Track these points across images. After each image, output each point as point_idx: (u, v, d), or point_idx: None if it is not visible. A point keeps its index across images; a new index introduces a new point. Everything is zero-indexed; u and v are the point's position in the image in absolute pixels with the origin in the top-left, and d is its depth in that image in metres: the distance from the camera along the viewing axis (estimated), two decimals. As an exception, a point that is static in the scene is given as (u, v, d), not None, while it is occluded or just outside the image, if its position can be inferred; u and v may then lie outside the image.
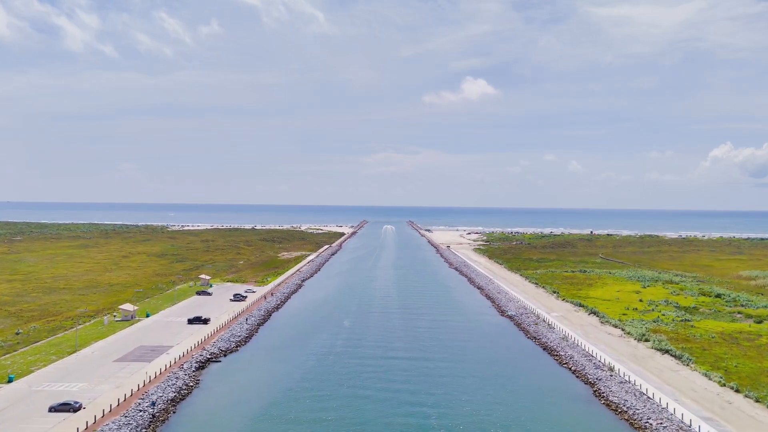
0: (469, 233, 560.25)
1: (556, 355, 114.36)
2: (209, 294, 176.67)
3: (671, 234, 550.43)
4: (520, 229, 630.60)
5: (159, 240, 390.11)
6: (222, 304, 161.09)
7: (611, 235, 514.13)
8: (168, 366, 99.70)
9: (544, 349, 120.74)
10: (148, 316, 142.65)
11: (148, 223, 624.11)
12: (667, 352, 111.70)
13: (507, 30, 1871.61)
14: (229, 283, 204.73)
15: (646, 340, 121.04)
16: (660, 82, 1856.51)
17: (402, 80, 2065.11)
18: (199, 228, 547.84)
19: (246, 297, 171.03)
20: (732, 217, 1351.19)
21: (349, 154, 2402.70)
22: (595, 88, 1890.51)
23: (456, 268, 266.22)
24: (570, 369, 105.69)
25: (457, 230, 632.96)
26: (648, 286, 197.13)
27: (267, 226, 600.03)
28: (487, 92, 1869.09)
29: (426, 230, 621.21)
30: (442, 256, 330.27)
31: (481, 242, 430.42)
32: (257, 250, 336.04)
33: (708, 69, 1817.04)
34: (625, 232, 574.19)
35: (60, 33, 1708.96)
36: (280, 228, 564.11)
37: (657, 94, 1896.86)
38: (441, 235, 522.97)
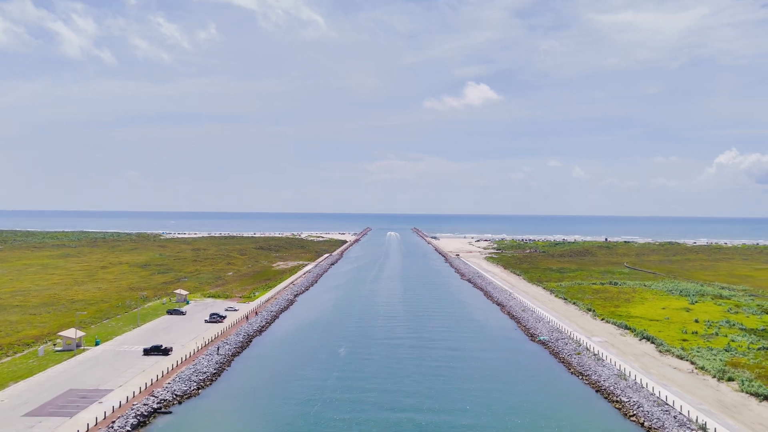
0: (478, 240, 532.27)
1: (617, 402, 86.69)
2: (182, 313, 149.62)
3: (688, 240, 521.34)
4: (529, 236, 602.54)
5: (148, 249, 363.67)
6: (194, 327, 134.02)
7: (628, 242, 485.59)
8: (93, 424, 72.63)
9: (596, 390, 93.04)
10: (97, 344, 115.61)
11: (144, 231, 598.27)
12: (766, 398, 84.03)
13: (510, 37, 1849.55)
14: (210, 299, 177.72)
15: (730, 379, 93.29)
16: (664, 88, 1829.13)
17: (405, 87, 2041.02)
18: (194, 236, 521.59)
19: (225, 317, 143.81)
20: (742, 224, 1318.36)
21: (352, 161, 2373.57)
22: (598, 94, 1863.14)
23: (469, 280, 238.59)
24: (642, 425, 77.99)
25: (465, 237, 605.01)
26: (696, 301, 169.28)
27: (266, 234, 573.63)
28: (490, 98, 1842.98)
29: (432, 237, 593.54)
30: (451, 265, 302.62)
31: (492, 250, 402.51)
32: (250, 260, 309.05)
33: (711, 75, 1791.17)
34: (640, 239, 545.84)
35: (57, 39, 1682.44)
36: (279, 236, 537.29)
37: (661, 100, 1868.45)
38: (448, 243, 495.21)
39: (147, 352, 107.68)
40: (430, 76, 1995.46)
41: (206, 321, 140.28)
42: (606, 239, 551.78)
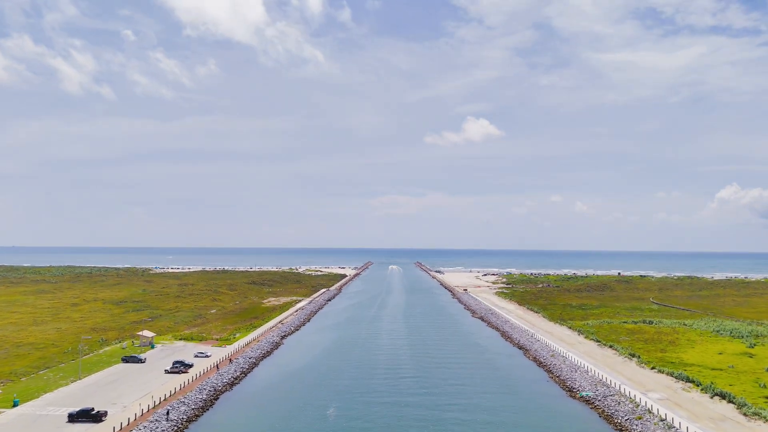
0: (485, 274, 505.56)
1: (718, 499, 60.63)
2: (140, 361, 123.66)
3: (705, 275, 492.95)
4: (537, 271, 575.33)
5: (132, 284, 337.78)
6: (150, 380, 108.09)
7: (645, 276, 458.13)
8: None
9: (681, 478, 66.96)
10: (15, 404, 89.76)
11: (135, 266, 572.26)
12: None
13: (511, 75, 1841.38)
14: (181, 342, 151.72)
15: None
16: (664, 125, 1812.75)
17: (407, 125, 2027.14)
18: (186, 270, 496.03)
19: (191, 366, 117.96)
20: (747, 258, 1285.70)
21: (355, 197, 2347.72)
22: (598, 131, 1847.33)
23: (482, 318, 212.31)
24: None
25: (471, 271, 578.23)
26: (754, 344, 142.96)
27: (263, 268, 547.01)
28: (491, 133, 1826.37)
29: (436, 271, 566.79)
30: (460, 301, 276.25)
31: (502, 285, 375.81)
32: (239, 296, 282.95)
33: (711, 111, 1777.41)
34: (655, 274, 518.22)
35: (57, 75, 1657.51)
36: (275, 270, 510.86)
37: (661, 136, 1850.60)
38: (454, 277, 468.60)
39: (73, 417, 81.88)
40: (432, 113, 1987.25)
41: (167, 371, 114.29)
42: (619, 273, 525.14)
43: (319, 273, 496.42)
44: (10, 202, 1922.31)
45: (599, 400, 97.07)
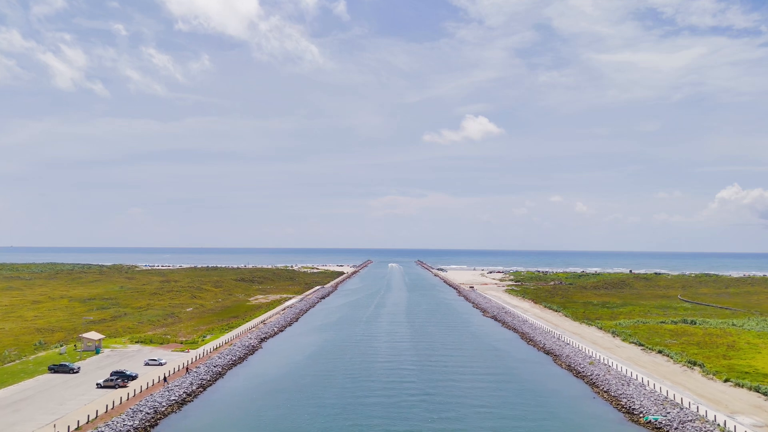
0: (490, 272, 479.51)
1: None
2: (73, 371, 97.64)
3: (721, 273, 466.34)
4: (543, 269, 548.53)
5: (112, 281, 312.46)
6: (72, 397, 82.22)
7: (659, 273, 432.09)
8: None
9: None
10: None
11: (122, 263, 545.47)
12: None
13: (511, 76, 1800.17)
14: (137, 345, 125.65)
15: None
16: (664, 125, 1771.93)
17: (407, 125, 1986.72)
18: (176, 268, 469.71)
19: (134, 377, 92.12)
20: (750, 258, 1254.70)
21: (355, 197, 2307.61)
22: (599, 131, 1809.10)
23: (494, 317, 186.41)
24: None
25: (475, 269, 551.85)
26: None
27: (258, 266, 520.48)
28: (491, 131, 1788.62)
29: (439, 269, 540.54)
30: (467, 299, 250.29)
31: (510, 282, 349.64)
32: (224, 293, 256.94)
33: (711, 112, 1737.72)
34: (668, 272, 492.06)
35: (48, 71, 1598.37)
36: (267, 267, 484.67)
37: (662, 137, 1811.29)
38: (458, 275, 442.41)
39: (-77, 461, 56.09)
40: (432, 114, 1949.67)
41: (99, 385, 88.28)
42: (630, 271, 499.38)
43: (315, 270, 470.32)
44: (8, 202, 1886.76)
45: (675, 428, 71.13)
